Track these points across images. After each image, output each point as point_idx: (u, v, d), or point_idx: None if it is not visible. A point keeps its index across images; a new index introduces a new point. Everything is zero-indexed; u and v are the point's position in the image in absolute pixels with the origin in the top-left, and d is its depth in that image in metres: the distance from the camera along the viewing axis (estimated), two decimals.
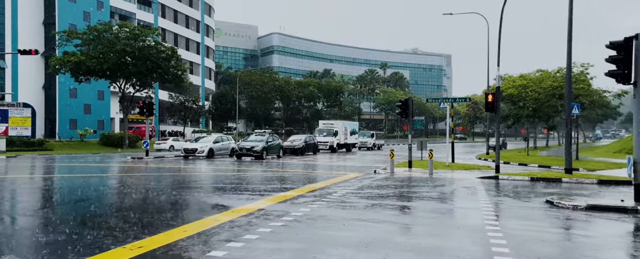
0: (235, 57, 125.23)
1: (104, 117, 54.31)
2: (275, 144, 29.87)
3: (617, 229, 8.21)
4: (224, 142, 30.52)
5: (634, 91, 10.19)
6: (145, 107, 29.07)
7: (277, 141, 30.91)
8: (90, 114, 52.34)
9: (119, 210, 9.35)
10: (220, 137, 31.50)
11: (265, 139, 28.93)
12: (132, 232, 6.98)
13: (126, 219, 8.11)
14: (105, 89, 49.84)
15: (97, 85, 47.23)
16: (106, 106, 54.86)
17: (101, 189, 13.19)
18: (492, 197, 11.77)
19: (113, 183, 15.03)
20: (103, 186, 14.07)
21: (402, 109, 21.10)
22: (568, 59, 17.53)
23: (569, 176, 16.38)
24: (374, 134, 54.46)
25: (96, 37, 37.94)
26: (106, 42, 37.32)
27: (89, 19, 49.95)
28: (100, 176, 17.28)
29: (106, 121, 54.28)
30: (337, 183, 14.27)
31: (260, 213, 8.73)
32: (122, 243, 6.19)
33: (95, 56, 36.59)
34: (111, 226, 7.47)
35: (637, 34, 10.03)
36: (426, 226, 8.07)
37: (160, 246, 6.03)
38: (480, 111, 76.24)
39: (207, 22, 77.08)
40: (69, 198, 11.37)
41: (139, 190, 12.54)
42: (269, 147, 28.65)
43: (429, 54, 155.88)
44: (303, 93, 74.11)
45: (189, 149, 28.53)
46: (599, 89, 40.40)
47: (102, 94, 53.33)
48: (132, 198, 11.18)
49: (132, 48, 37.43)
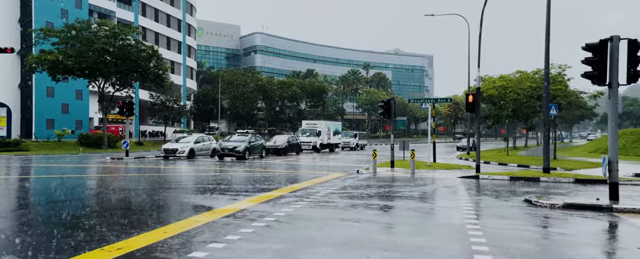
0: (217, 57, 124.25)
1: (83, 117, 53.26)
2: (257, 145, 29.62)
3: (593, 227, 8.41)
4: (204, 143, 29.98)
5: (609, 92, 10.45)
6: (125, 107, 28.58)
7: (260, 141, 30.63)
8: (68, 113, 51.26)
9: (98, 211, 9.18)
10: (201, 137, 30.93)
11: (247, 139, 28.63)
12: (111, 233, 6.86)
13: (105, 221, 7.97)
14: (83, 88, 48.84)
15: (75, 84, 46.23)
16: (85, 106, 53.80)
17: (79, 190, 12.93)
18: (473, 196, 11.93)
19: (92, 184, 14.75)
20: (81, 187, 13.79)
21: (384, 110, 21.24)
22: (546, 61, 17.89)
23: (547, 175, 16.71)
24: (357, 134, 54.67)
25: (74, 36, 37.17)
26: (85, 41, 36.58)
27: (67, 17, 48.86)
28: (79, 177, 16.93)
29: (85, 121, 53.23)
30: (320, 183, 14.28)
31: (242, 213, 8.68)
32: (101, 244, 6.08)
33: (73, 55, 35.85)
34: (89, 228, 7.33)
35: (611, 36, 10.29)
36: (408, 226, 8.13)
37: (140, 248, 5.94)
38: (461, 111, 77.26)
39: (189, 21, 76.27)
40: (45, 199, 11.11)
41: (119, 191, 12.34)
42: (251, 148, 28.41)
43: (411, 55, 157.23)
44: (286, 93, 73.92)
45: (169, 149, 27.99)
46: (575, 90, 41.30)
47: (80, 94, 52.28)
48: (111, 199, 10.99)
49: (111, 47, 36.77)
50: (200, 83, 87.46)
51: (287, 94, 73.97)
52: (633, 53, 10.22)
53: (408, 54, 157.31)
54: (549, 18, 17.48)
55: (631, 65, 10.25)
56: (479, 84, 19.64)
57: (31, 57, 37.21)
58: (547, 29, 17.48)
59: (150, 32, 64.67)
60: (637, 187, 14.73)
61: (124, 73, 38.55)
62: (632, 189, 13.95)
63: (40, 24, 44.45)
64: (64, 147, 36.78)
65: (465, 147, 46.69)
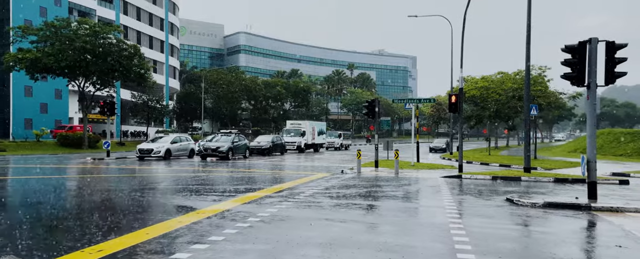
0: (200, 56, 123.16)
1: (62, 117, 52.21)
2: (241, 145, 29.30)
3: (572, 225, 8.57)
4: (182, 143, 28.93)
5: (588, 93, 10.67)
6: (106, 107, 28.12)
7: (244, 142, 30.24)
8: (47, 113, 50.19)
9: (78, 213, 9.01)
10: (178, 137, 29.87)
11: (231, 139, 28.29)
12: (91, 235, 6.73)
13: (86, 223, 7.82)
14: (63, 87, 47.86)
15: (54, 83, 45.29)
16: (64, 105, 52.77)
17: (58, 191, 12.66)
18: (456, 196, 12.05)
19: (71, 185, 14.47)
20: (60, 188, 13.51)
21: (369, 110, 21.33)
22: (527, 63, 18.18)
23: (528, 175, 16.99)
24: (342, 134, 54.78)
25: (53, 34, 36.42)
26: (64, 39, 35.86)
27: (46, 15, 47.86)
28: (58, 178, 16.59)
29: (64, 121, 52.17)
30: (305, 183, 14.26)
31: (226, 214, 8.61)
32: (81, 246, 5.96)
33: (52, 53, 35.12)
34: (69, 230, 7.18)
35: (590, 38, 10.50)
36: (392, 225, 8.18)
37: (121, 249, 5.85)
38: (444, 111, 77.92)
39: (172, 20, 75.43)
40: (23, 200, 10.85)
41: (99, 192, 12.12)
42: (235, 148, 28.11)
43: (395, 56, 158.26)
44: (270, 93, 73.65)
45: (144, 149, 26.81)
46: (555, 91, 42.09)
47: (59, 93, 51.26)
48: (91, 200, 10.80)
49: (92, 45, 36.12)
50: (183, 83, 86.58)
51: (272, 94, 73.72)
52: (610, 55, 10.45)
53: (392, 55, 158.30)
54: (529, 21, 17.77)
55: (609, 66, 10.47)
56: (461, 84, 19.87)
57: (9, 55, 36.32)
58: (528, 31, 17.77)
59: (132, 31, 63.76)
60: (614, 186, 15.09)
61: (104, 72, 37.91)
62: (609, 188, 14.28)
63: (18, 22, 43.40)
64: (43, 148, 36.02)
65: (439, 148, 45.63)
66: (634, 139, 39.13)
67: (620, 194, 12.43)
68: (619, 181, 16.00)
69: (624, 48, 10.54)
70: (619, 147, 38.75)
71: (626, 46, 10.55)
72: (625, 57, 10.54)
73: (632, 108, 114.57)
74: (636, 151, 36.70)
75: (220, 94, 66.06)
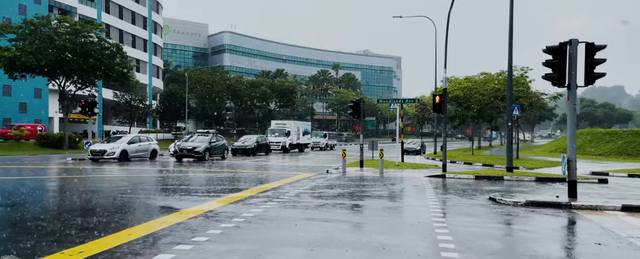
0: (184, 56, 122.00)
1: (42, 117, 51.20)
2: (219, 145, 28.56)
3: (553, 223, 8.72)
4: (141, 143, 26.97)
5: (568, 94, 10.86)
6: (87, 106, 27.63)
7: (222, 142, 29.40)
8: (26, 113, 49.20)
9: (58, 214, 8.83)
10: (137, 137, 28.13)
11: (208, 140, 27.44)
12: (72, 237, 6.60)
13: (66, 224, 7.67)
14: (43, 86, 47.02)
15: (34, 82, 44.46)
16: (44, 105, 51.77)
17: (38, 192, 12.40)
18: (440, 195, 12.16)
19: (50, 185, 14.18)
20: (40, 188, 13.23)
21: (354, 110, 21.39)
22: (509, 65, 18.44)
23: (510, 174, 17.23)
24: (327, 134, 54.81)
25: (33, 32, 35.71)
26: (44, 37, 35.17)
27: (25, 13, 46.91)
28: (38, 179, 16.24)
29: (44, 121, 51.18)
30: (290, 183, 14.23)
31: (211, 214, 8.54)
32: (61, 248, 5.84)
33: (32, 52, 34.41)
34: (49, 231, 7.03)
35: (570, 39, 10.68)
36: (377, 224, 8.20)
37: (103, 251, 5.75)
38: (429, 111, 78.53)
39: (155, 18, 74.59)
40: (1, 201, 10.59)
41: (80, 192, 11.91)
42: (212, 148, 27.39)
43: (379, 56, 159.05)
44: (255, 93, 73.28)
45: (97, 151, 24.50)
46: (537, 92, 42.76)
47: (39, 92, 50.28)
48: (72, 201, 10.59)
49: (73, 44, 35.49)
50: (167, 82, 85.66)
51: (257, 94, 73.37)
52: (590, 56, 10.65)
53: (377, 55, 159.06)
54: (511, 25, 18.02)
55: (588, 68, 10.68)
56: (445, 85, 20.06)
57: None
58: (510, 33, 18.02)
59: (114, 30, 62.86)
60: (594, 185, 15.40)
61: (86, 71, 37.29)
62: (589, 186, 14.56)
63: None
64: (22, 148, 35.28)
65: (412, 149, 41.05)
66: (613, 139, 40.01)
67: (599, 193, 12.68)
68: (598, 180, 16.34)
69: (603, 49, 10.76)
70: (599, 146, 39.57)
71: (605, 47, 10.77)
72: (604, 59, 10.76)
73: (610, 108, 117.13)
74: (615, 151, 37.53)
75: (204, 94, 65.51)
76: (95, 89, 42.00)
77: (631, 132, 41.32)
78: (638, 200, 11.36)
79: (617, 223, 8.46)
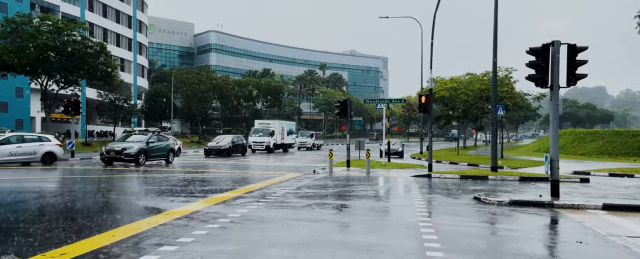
0: (170, 55, 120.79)
1: (23, 117, 50.22)
2: (160, 146, 24.06)
3: (537, 222, 8.85)
4: (25, 144, 21.30)
5: (551, 94, 11.03)
6: (70, 106, 27.21)
7: (165, 143, 25.00)
8: (6, 112, 48.16)
9: (39, 216, 8.68)
10: (20, 136, 22.20)
11: (145, 139, 23.38)
12: (54, 238, 6.49)
13: (48, 225, 7.54)
14: (24, 85, 46.10)
15: (15, 81, 43.54)
16: (26, 104, 50.74)
17: (18, 193, 12.15)
18: (425, 194, 12.25)
19: (30, 187, 13.91)
20: (20, 190, 12.97)
21: (341, 110, 21.44)
22: (494, 66, 18.66)
23: (495, 174, 17.44)
24: (314, 134, 54.72)
25: (14, 30, 35.03)
26: (26, 36, 34.53)
27: (6, 11, 45.94)
28: (17, 179, 15.93)
29: (26, 120, 50.22)
30: (277, 183, 14.19)
31: (196, 215, 8.47)
32: (43, 250, 5.74)
33: (13, 50, 33.75)
34: (30, 233, 6.90)
35: (553, 41, 10.85)
36: (363, 224, 8.23)
37: (86, 253, 5.66)
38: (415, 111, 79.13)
39: (140, 17, 73.68)
40: None
41: (64, 194, 11.72)
42: (149, 150, 23.13)
43: (366, 56, 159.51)
44: (242, 92, 72.88)
45: None
46: (521, 92, 43.35)
47: (20, 91, 49.29)
48: (56, 202, 10.42)
49: (55, 42, 34.90)
50: (152, 81, 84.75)
51: (243, 94, 72.99)
52: (572, 57, 10.83)
53: (364, 56, 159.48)
54: (496, 24, 18.24)
55: (570, 68, 10.85)
56: (431, 85, 20.22)
57: None
58: (495, 34, 18.24)
59: (98, 28, 61.96)
60: (576, 184, 15.66)
61: (69, 70, 36.71)
62: (571, 186, 14.81)
63: None
64: None
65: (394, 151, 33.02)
66: (595, 139, 40.75)
67: (581, 192, 12.91)
68: (580, 179, 16.63)
69: (585, 51, 10.94)
70: (581, 146, 40.27)
71: (587, 49, 10.96)
72: (586, 60, 10.95)
73: (592, 109, 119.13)
74: (596, 150, 38.23)
75: (190, 94, 64.93)
76: (79, 88, 41.35)
77: (612, 133, 42.15)
78: (618, 199, 11.60)
79: (598, 222, 8.62)
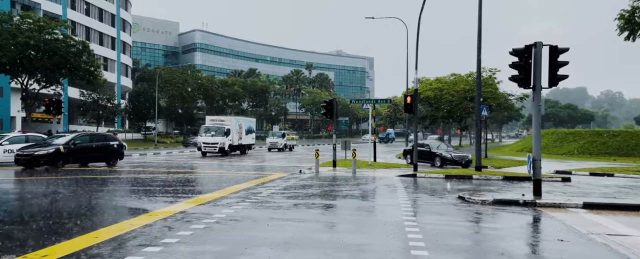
0: (154, 54, 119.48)
1: (3, 116, 49.20)
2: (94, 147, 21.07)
3: (519, 221, 8.98)
4: None
5: (533, 95, 11.20)
6: (52, 105, 26.70)
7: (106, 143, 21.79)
8: None
9: (19, 217, 8.51)
10: None
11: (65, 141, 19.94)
12: (34, 240, 6.38)
13: (28, 227, 7.40)
14: (5, 84, 45.14)
15: None
16: (6, 104, 49.70)
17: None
18: (411, 194, 12.33)
19: (11, 188, 13.64)
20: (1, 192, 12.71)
21: (327, 110, 21.44)
22: (478, 67, 18.87)
23: (479, 174, 17.64)
24: (285, 133, 49.46)
25: None
26: (6, 34, 33.83)
27: None
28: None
29: (5, 120, 49.19)
30: (263, 184, 14.14)
31: (181, 215, 8.40)
32: (23, 252, 5.63)
33: None
34: (10, 235, 6.77)
35: (535, 42, 11.02)
36: (349, 224, 8.26)
37: (67, 254, 5.57)
38: (400, 112, 79.61)
39: (124, 16, 72.74)
40: None
41: (46, 196, 11.51)
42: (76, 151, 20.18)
43: (352, 57, 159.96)
44: (227, 92, 72.47)
45: None
46: (504, 93, 43.96)
47: (1, 91, 48.28)
48: (37, 204, 10.23)
49: (36, 41, 34.26)
50: (136, 81, 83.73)
51: (229, 94, 72.59)
52: (554, 58, 11.02)
53: (350, 56, 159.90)
54: (480, 25, 18.45)
55: (552, 69, 11.04)
56: (416, 86, 20.36)
57: None
58: (479, 35, 18.45)
59: (80, 27, 60.97)
60: (557, 183, 15.94)
61: (50, 69, 36.07)
62: (553, 185, 15.07)
63: None
64: None
65: None
66: (576, 138, 41.49)
67: (562, 191, 13.14)
68: (562, 179, 16.93)
69: (567, 52, 11.14)
70: (562, 146, 40.96)
71: (568, 50, 11.16)
72: (567, 61, 11.14)
73: (574, 109, 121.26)
74: (578, 150, 38.93)
75: (175, 93, 64.36)
76: (61, 87, 40.68)
77: (593, 133, 42.97)
78: (599, 198, 11.84)
79: (578, 220, 8.79)
